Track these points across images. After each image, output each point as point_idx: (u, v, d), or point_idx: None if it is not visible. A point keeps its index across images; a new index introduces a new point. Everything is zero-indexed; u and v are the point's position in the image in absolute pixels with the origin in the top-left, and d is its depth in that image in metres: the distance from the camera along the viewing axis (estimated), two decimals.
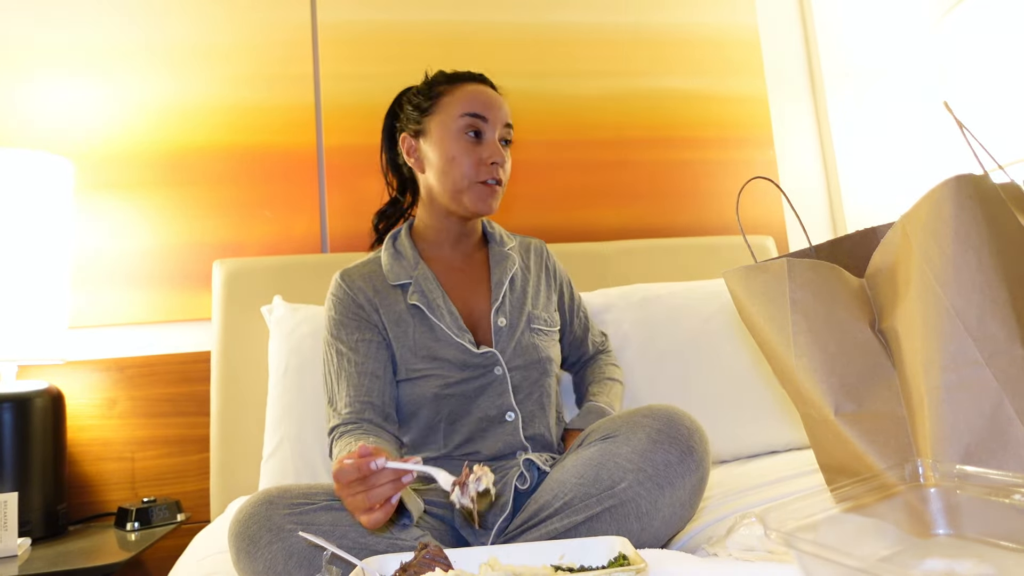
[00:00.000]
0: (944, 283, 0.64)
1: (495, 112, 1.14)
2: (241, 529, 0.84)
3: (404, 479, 0.76)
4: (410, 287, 1.14)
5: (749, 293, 0.78)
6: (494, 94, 1.18)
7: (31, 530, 1.33)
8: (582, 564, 0.70)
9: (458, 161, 1.12)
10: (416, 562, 0.66)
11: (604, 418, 1.03)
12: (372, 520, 0.76)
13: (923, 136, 2.16)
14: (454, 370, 1.08)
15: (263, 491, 0.88)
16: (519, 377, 1.12)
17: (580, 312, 1.35)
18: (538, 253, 1.30)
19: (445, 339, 1.10)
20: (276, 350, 1.44)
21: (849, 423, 0.69)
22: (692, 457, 0.89)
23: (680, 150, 2.02)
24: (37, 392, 1.38)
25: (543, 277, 1.27)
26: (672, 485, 0.88)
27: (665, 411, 0.94)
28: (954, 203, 0.64)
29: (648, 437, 0.90)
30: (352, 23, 1.83)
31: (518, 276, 1.21)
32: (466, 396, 1.09)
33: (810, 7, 2.19)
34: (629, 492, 0.87)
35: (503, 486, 1.01)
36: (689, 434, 0.91)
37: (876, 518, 0.56)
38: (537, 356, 1.14)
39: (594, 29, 2.01)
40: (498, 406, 1.09)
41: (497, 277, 1.18)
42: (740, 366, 1.49)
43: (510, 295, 1.18)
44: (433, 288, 1.13)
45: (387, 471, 0.76)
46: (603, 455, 0.92)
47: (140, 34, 1.70)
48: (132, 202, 1.65)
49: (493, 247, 1.23)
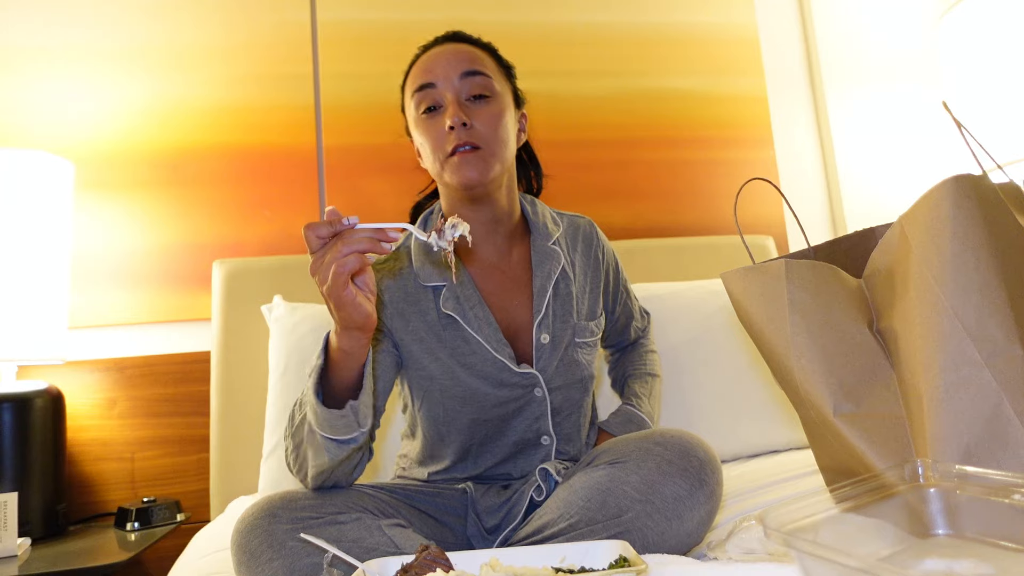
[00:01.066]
0: (943, 283, 0.64)
1: (442, 70, 0.98)
2: (243, 541, 0.81)
3: (383, 244, 0.72)
4: (443, 291, 1.01)
5: (747, 294, 0.78)
6: (441, 50, 1.01)
7: (31, 530, 1.33)
8: (583, 566, 0.70)
9: (424, 144, 1.00)
10: (417, 563, 0.66)
11: (615, 440, 0.97)
12: (341, 265, 0.71)
13: (922, 136, 2.16)
14: (491, 389, 0.99)
15: (267, 501, 0.85)
16: (559, 398, 1.04)
17: (624, 299, 1.23)
18: (587, 240, 1.14)
19: (482, 354, 0.99)
20: (276, 349, 1.44)
21: (848, 423, 0.69)
22: (703, 491, 0.85)
23: (680, 150, 2.02)
24: (37, 392, 1.38)
25: (589, 273, 1.13)
26: (680, 518, 0.84)
27: (678, 439, 0.89)
28: (953, 203, 0.64)
29: (658, 468, 0.86)
30: (352, 23, 1.83)
31: (564, 277, 1.07)
32: (502, 419, 1.01)
33: (810, 7, 2.18)
34: (636, 523, 0.84)
35: (519, 496, 0.99)
36: (701, 465, 0.86)
37: (876, 518, 0.56)
38: (580, 375, 1.05)
39: (595, 29, 2.01)
40: (535, 430, 1.03)
41: (540, 283, 1.04)
42: (740, 366, 1.49)
43: (554, 303, 1.05)
44: (471, 294, 1.01)
45: (362, 231, 0.72)
46: (611, 481, 0.87)
47: (140, 34, 1.70)
48: (132, 202, 1.65)
49: (536, 241, 1.07)
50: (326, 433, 0.81)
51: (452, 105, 0.96)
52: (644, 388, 1.22)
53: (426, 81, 0.98)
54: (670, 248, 1.87)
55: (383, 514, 0.89)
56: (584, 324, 1.07)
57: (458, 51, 0.99)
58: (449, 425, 1.02)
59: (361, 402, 0.81)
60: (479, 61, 1.00)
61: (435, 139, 0.97)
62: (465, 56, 0.99)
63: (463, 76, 0.98)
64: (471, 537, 0.99)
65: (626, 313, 1.25)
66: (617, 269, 1.20)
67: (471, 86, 0.98)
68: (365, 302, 0.75)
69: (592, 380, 1.09)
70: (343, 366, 0.80)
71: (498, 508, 1.00)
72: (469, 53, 1.00)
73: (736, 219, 0.86)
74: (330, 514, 0.83)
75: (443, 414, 1.01)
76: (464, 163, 0.96)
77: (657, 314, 1.53)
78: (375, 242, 0.72)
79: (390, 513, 0.90)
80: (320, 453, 0.83)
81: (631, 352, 1.30)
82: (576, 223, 1.16)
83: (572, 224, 1.15)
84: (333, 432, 0.81)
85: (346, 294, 0.73)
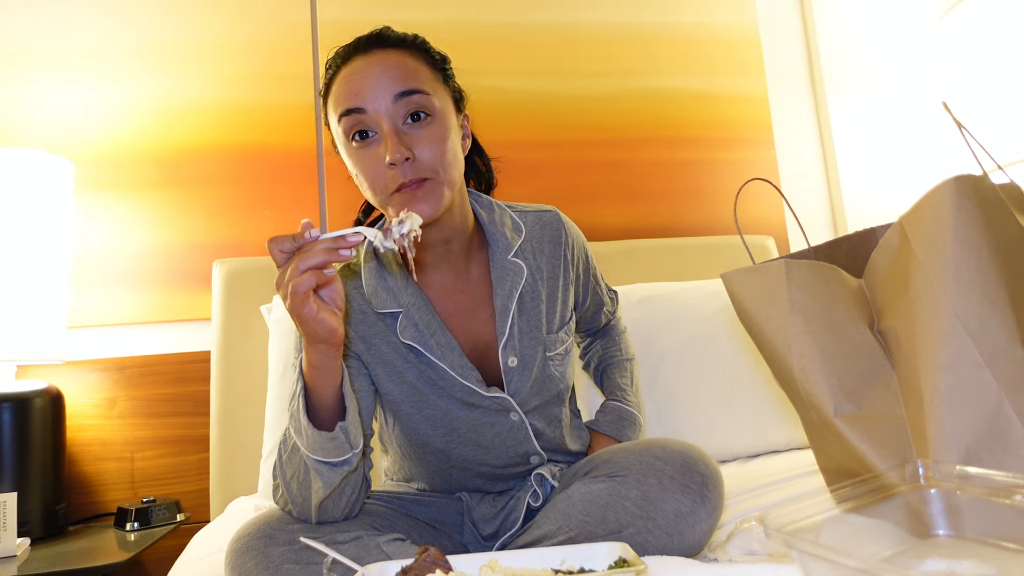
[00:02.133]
0: (944, 283, 0.64)
1: (371, 91, 0.85)
2: (238, 563, 0.79)
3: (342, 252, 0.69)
4: (400, 318, 0.93)
5: (747, 295, 0.78)
6: (365, 65, 0.86)
7: (30, 530, 1.33)
8: (582, 567, 0.70)
9: (360, 175, 0.89)
10: (417, 565, 0.66)
11: (614, 448, 0.95)
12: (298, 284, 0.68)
13: (923, 136, 2.16)
14: (461, 410, 0.95)
15: (263, 520, 0.83)
16: (540, 419, 1.00)
17: (593, 287, 1.16)
18: (554, 239, 1.05)
19: (447, 380, 0.94)
20: (276, 349, 1.44)
21: (849, 424, 0.69)
22: (704, 507, 0.83)
23: (680, 150, 2.02)
24: (36, 392, 1.38)
25: (560, 275, 1.04)
26: (681, 535, 0.83)
27: (680, 453, 0.87)
28: (953, 204, 0.64)
29: (659, 484, 0.84)
30: (352, 23, 1.82)
31: (528, 289, 1.00)
32: (481, 446, 0.97)
33: (810, 7, 2.18)
34: (636, 538, 0.82)
35: (515, 502, 0.98)
36: (703, 481, 0.84)
37: (876, 519, 0.56)
38: (555, 390, 1.01)
39: (595, 29, 2.01)
40: (521, 454, 0.99)
41: (501, 302, 0.96)
42: (740, 366, 1.49)
43: (519, 320, 0.98)
44: (429, 319, 0.94)
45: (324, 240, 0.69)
46: (611, 496, 0.85)
47: (140, 34, 1.70)
48: (132, 202, 1.65)
49: (495, 256, 0.99)
50: (318, 456, 0.78)
51: (389, 138, 0.84)
52: (625, 378, 1.19)
53: (353, 105, 0.85)
54: (670, 248, 1.87)
55: (380, 529, 0.88)
56: (555, 336, 1.01)
57: (386, 65, 0.86)
58: (424, 447, 0.99)
59: (350, 422, 0.79)
60: (412, 74, 0.87)
61: (373, 175, 0.86)
62: (396, 71, 0.86)
63: (397, 97, 0.85)
64: (467, 544, 0.98)
65: (596, 301, 1.19)
66: (587, 260, 1.13)
67: (407, 107, 0.86)
68: (329, 317, 0.73)
69: (568, 390, 1.05)
70: (319, 382, 0.78)
71: (494, 516, 0.99)
72: (399, 65, 0.87)
73: (736, 219, 0.86)
74: (327, 534, 0.82)
75: (415, 436, 0.98)
76: (413, 199, 0.85)
77: (656, 314, 1.53)
78: (333, 252, 0.69)
79: (387, 528, 0.90)
80: (315, 480, 0.80)
81: (604, 337, 1.25)
82: (543, 219, 1.06)
83: (538, 221, 1.05)
84: (325, 455, 0.78)
85: (307, 311, 0.71)
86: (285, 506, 0.86)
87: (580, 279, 1.11)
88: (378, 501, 0.96)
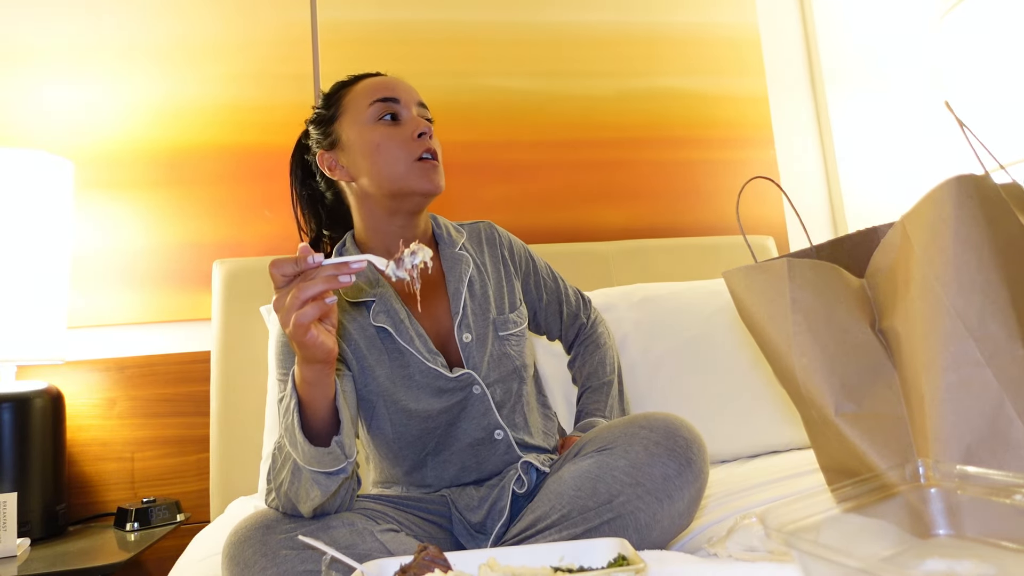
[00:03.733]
0: (945, 283, 0.64)
1: (404, 92, 1.06)
2: (235, 552, 0.81)
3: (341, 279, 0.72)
4: (374, 306, 1.03)
5: (749, 293, 0.78)
6: (396, 78, 1.09)
7: (30, 530, 1.33)
8: (581, 565, 0.69)
9: (384, 147, 1.01)
10: (416, 564, 0.65)
11: (600, 427, 0.99)
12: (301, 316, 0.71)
13: (924, 136, 2.16)
14: (432, 399, 1.01)
15: (260, 514, 0.86)
16: (500, 392, 1.05)
17: (548, 284, 1.23)
18: (490, 241, 1.18)
19: (416, 365, 1.01)
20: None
21: (849, 423, 0.68)
22: (691, 469, 0.87)
23: (681, 150, 2.02)
24: (36, 392, 1.38)
25: (502, 268, 1.16)
26: (671, 498, 0.86)
27: (663, 421, 0.91)
28: (955, 203, 0.64)
29: (645, 450, 0.88)
30: (352, 23, 1.83)
31: (475, 278, 1.11)
32: (450, 424, 1.03)
33: (810, 7, 2.18)
34: (628, 506, 0.85)
35: (500, 491, 0.99)
36: (687, 445, 0.89)
37: (877, 518, 0.56)
38: (512, 366, 1.07)
39: (595, 29, 2.01)
40: (484, 427, 1.03)
41: (453, 286, 1.08)
42: (740, 366, 1.49)
43: (471, 303, 1.08)
44: (398, 307, 1.03)
45: (325, 268, 0.73)
46: (600, 468, 0.89)
47: (140, 34, 1.70)
48: (132, 202, 1.65)
49: (444, 249, 1.11)
50: (314, 468, 0.81)
51: (418, 119, 1.04)
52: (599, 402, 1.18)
53: (392, 95, 1.05)
54: (670, 248, 1.87)
55: (374, 520, 0.89)
56: (505, 317, 1.10)
57: (409, 85, 1.09)
58: (400, 440, 1.03)
59: (344, 434, 0.83)
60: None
61: (402, 142, 1.02)
62: (416, 93, 1.09)
63: (419, 105, 1.07)
64: (459, 536, 0.99)
65: (556, 299, 1.24)
66: (530, 257, 1.22)
67: (423, 112, 1.07)
68: (327, 339, 0.76)
69: (526, 369, 1.10)
70: (312, 397, 0.81)
71: (478, 504, 1.00)
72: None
73: (739, 217, 0.86)
74: (321, 520, 0.85)
75: (391, 429, 1.03)
76: (432, 169, 1.02)
77: (657, 314, 1.53)
78: (334, 279, 0.72)
79: (381, 519, 0.91)
80: (311, 488, 0.83)
81: (584, 349, 1.26)
82: (476, 229, 1.20)
83: (473, 231, 1.19)
84: (321, 466, 0.81)
85: (308, 338, 0.74)
86: (279, 510, 0.88)
87: (530, 276, 1.21)
88: (371, 500, 0.98)
